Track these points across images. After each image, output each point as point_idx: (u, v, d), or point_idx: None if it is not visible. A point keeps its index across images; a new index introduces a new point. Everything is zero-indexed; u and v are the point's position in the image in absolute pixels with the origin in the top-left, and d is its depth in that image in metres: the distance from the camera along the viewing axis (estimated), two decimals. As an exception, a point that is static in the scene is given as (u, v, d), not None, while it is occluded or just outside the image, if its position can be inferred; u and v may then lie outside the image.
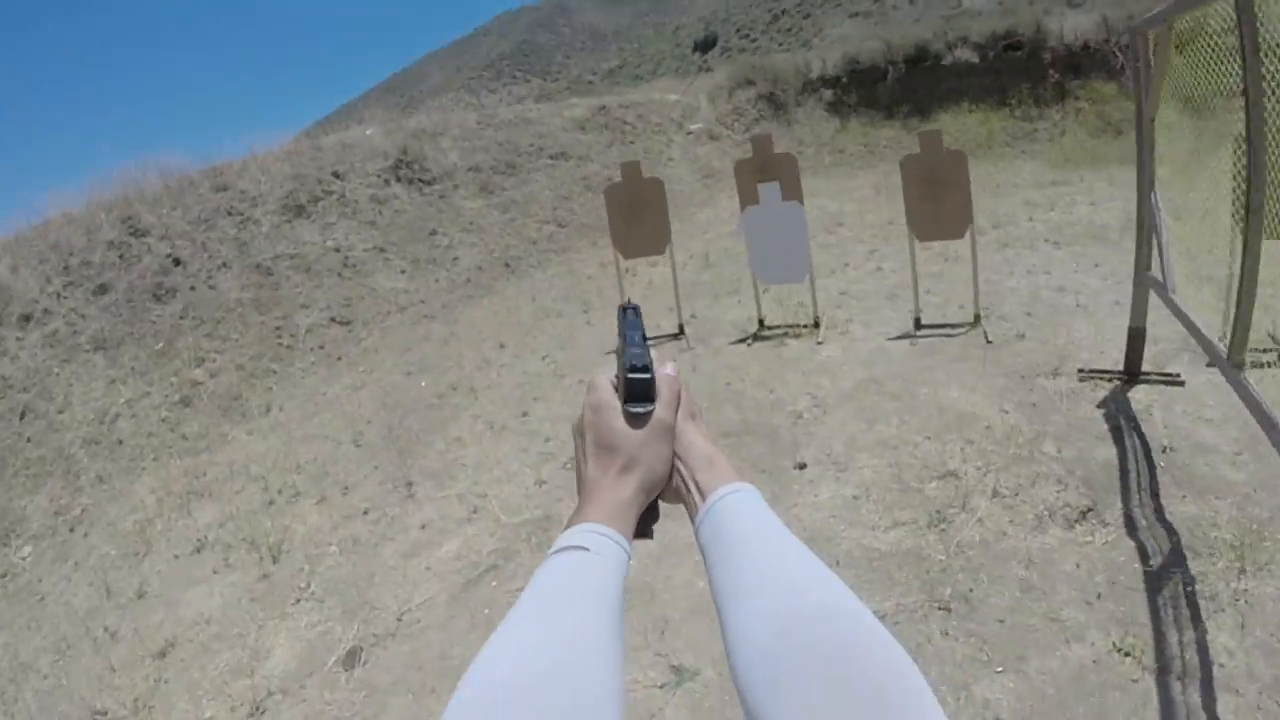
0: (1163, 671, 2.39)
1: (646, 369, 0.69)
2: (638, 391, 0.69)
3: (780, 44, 25.80)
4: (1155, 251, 4.09)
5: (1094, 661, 2.47)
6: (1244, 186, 2.80)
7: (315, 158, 9.71)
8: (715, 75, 16.77)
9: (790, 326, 5.65)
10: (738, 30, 29.80)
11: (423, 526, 4.03)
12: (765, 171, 5.51)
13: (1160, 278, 3.78)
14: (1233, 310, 3.07)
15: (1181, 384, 4.25)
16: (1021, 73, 11.90)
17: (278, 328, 7.37)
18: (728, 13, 31.92)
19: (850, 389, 4.60)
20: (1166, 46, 3.50)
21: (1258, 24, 2.38)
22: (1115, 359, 4.55)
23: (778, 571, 0.55)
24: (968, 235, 5.04)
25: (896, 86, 12.60)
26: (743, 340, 5.67)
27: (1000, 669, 2.51)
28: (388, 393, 6.05)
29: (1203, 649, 2.46)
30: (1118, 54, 11.54)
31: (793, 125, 12.86)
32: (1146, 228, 4.04)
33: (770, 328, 5.72)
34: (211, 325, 7.18)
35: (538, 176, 10.94)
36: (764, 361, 5.24)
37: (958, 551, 3.13)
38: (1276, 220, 3.91)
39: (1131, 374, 4.33)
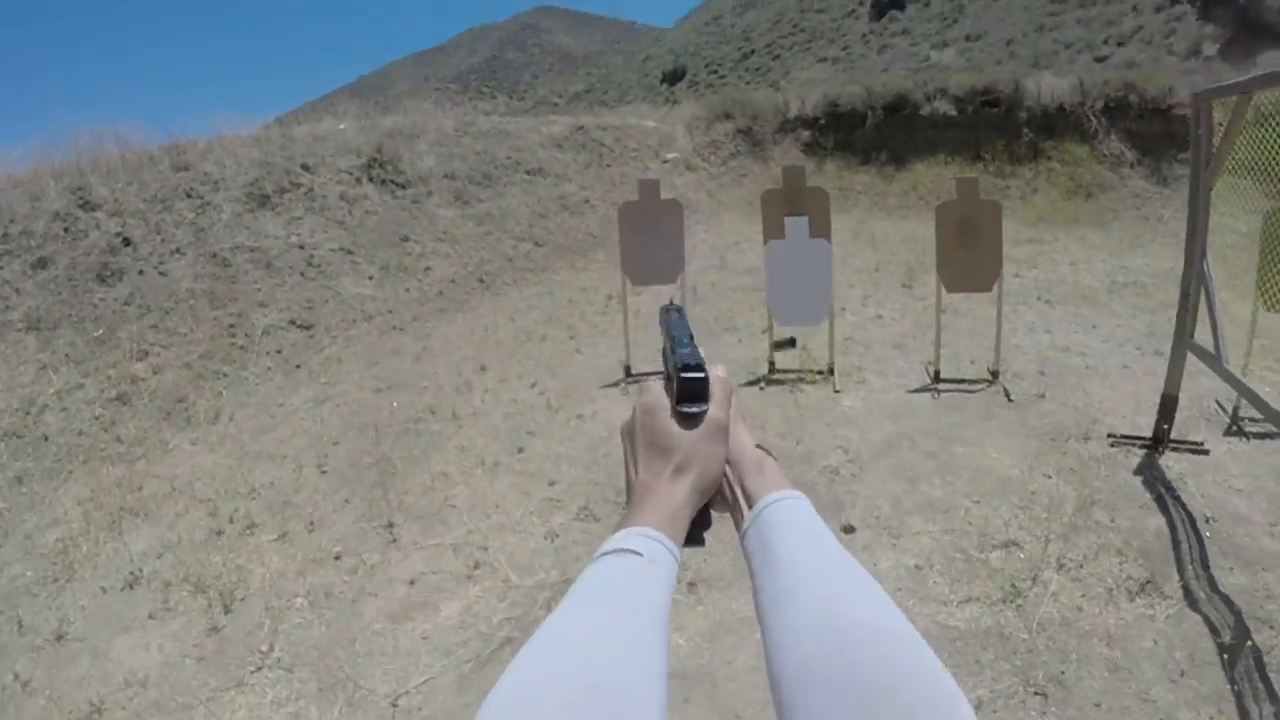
0: (1254, 743, 2.39)
1: (700, 367, 0.66)
2: (692, 391, 0.66)
3: (748, 82, 26.13)
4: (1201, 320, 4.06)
5: (1191, 740, 2.43)
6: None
7: (285, 147, 9.13)
8: (693, 106, 16.74)
9: (802, 371, 5.44)
10: (706, 65, 30.06)
11: (412, 582, 3.50)
12: (794, 205, 5.27)
13: (1214, 349, 3.72)
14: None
15: (1207, 453, 4.22)
16: (997, 129, 12.17)
17: (231, 325, 6.78)
18: (698, 47, 32.22)
19: (881, 444, 4.41)
20: (1241, 118, 3.45)
21: None
22: (1136, 424, 4.52)
23: (822, 584, 0.52)
24: (995, 288, 4.95)
25: (874, 133, 12.73)
26: (754, 383, 5.44)
27: (1106, 755, 2.39)
28: (355, 411, 5.56)
29: None
30: (1092, 117, 11.94)
31: (768, 163, 12.83)
32: (1193, 296, 3.99)
33: (782, 371, 5.51)
34: (159, 315, 6.54)
35: (514, 191, 10.58)
36: (782, 409, 5.00)
37: (1040, 630, 2.98)
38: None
39: (1158, 440, 4.28)
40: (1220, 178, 3.79)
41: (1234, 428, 4.55)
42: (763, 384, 5.38)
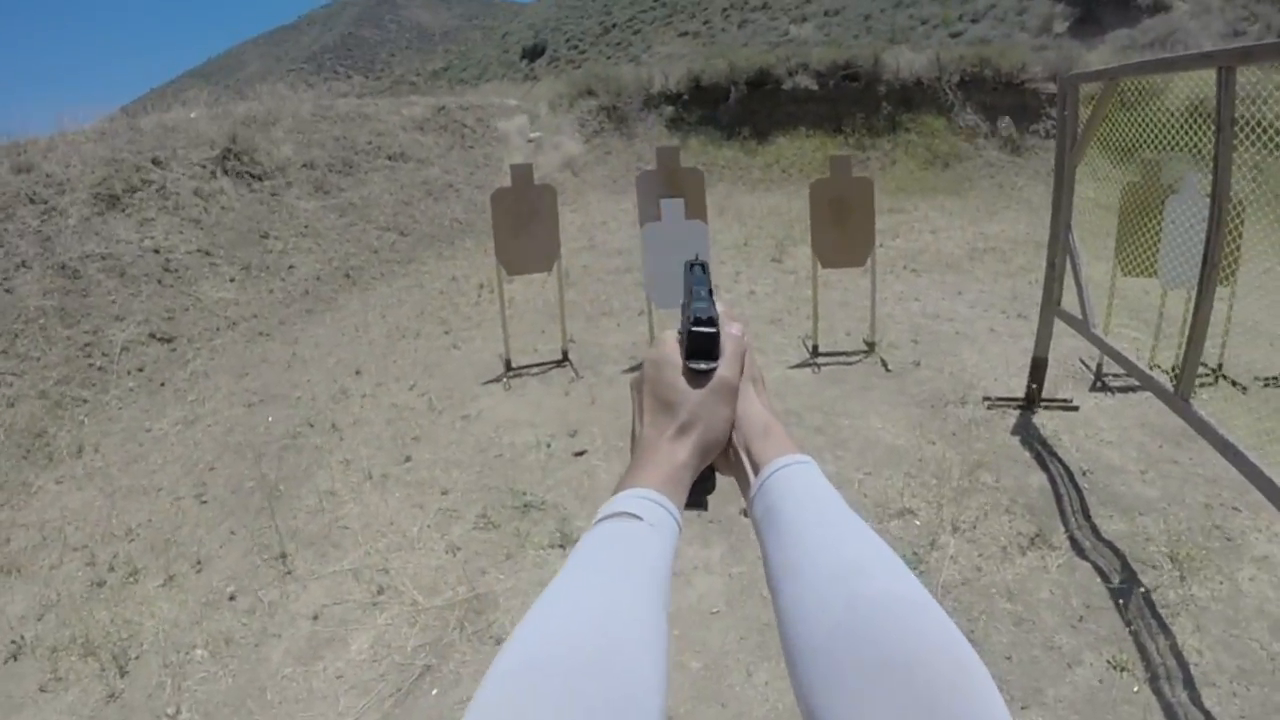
0: (1154, 679, 2.59)
1: (712, 322, 0.64)
2: (701, 346, 0.64)
3: (609, 57, 25.90)
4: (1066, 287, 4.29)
5: (1099, 681, 2.60)
6: (1200, 239, 2.94)
7: (133, 140, 8.22)
8: (555, 83, 16.43)
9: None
10: (567, 40, 29.53)
11: (315, 617, 3.20)
12: (670, 186, 5.23)
13: (1080, 314, 3.93)
14: (1180, 349, 3.23)
15: (1076, 409, 4.49)
16: (857, 103, 12.59)
17: (87, 345, 6.06)
18: (558, 22, 31.55)
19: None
20: (1107, 102, 3.63)
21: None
22: (1010, 386, 4.75)
23: (837, 553, 0.50)
24: (868, 262, 5.07)
25: (737, 107, 12.88)
26: (635, 368, 5.35)
27: (1024, 706, 2.53)
28: (229, 430, 5.10)
29: (1177, 653, 2.70)
30: (948, 91, 12.54)
31: (633, 139, 12.78)
32: (1059, 265, 4.20)
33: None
34: (7, 340, 5.75)
35: (376, 178, 10.04)
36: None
37: (945, 592, 3.08)
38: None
39: (1030, 400, 4.51)
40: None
41: (1099, 384, 4.86)
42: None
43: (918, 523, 3.46)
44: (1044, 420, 4.37)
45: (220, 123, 9.24)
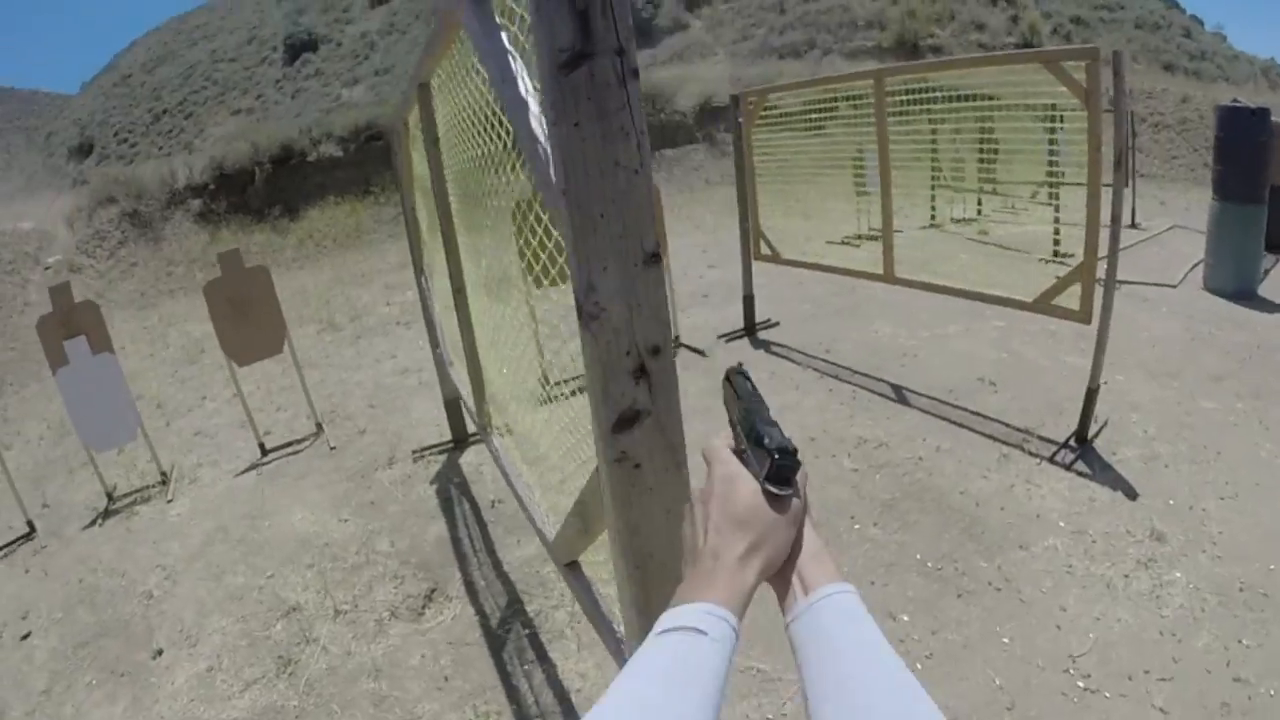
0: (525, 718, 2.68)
1: (795, 451, 0.66)
2: (786, 475, 0.66)
3: (161, 147, 23.55)
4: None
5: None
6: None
7: None
8: (75, 195, 14.56)
9: (140, 490, 5.06)
10: (116, 134, 26.21)
11: None
12: (69, 326, 4.86)
13: (446, 353, 4.31)
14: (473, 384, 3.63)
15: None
16: (383, 160, 12.73)
17: None
18: (105, 114, 27.91)
19: (199, 546, 4.27)
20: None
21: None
22: (441, 430, 5.00)
23: (890, 698, 0.53)
24: (286, 347, 5.12)
25: (265, 188, 12.44)
26: (92, 523, 4.90)
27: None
28: None
29: (554, 681, 2.83)
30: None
31: (161, 243, 11.78)
32: (426, 311, 4.58)
33: (121, 498, 5.05)
34: None
35: None
36: (116, 541, 4.55)
37: (308, 691, 3.06)
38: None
39: (458, 440, 4.86)
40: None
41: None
42: (100, 521, 4.86)
43: (301, 618, 3.49)
44: (469, 456, 4.71)
45: None
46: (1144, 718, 2.39)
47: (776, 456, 0.65)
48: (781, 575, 0.67)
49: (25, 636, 3.86)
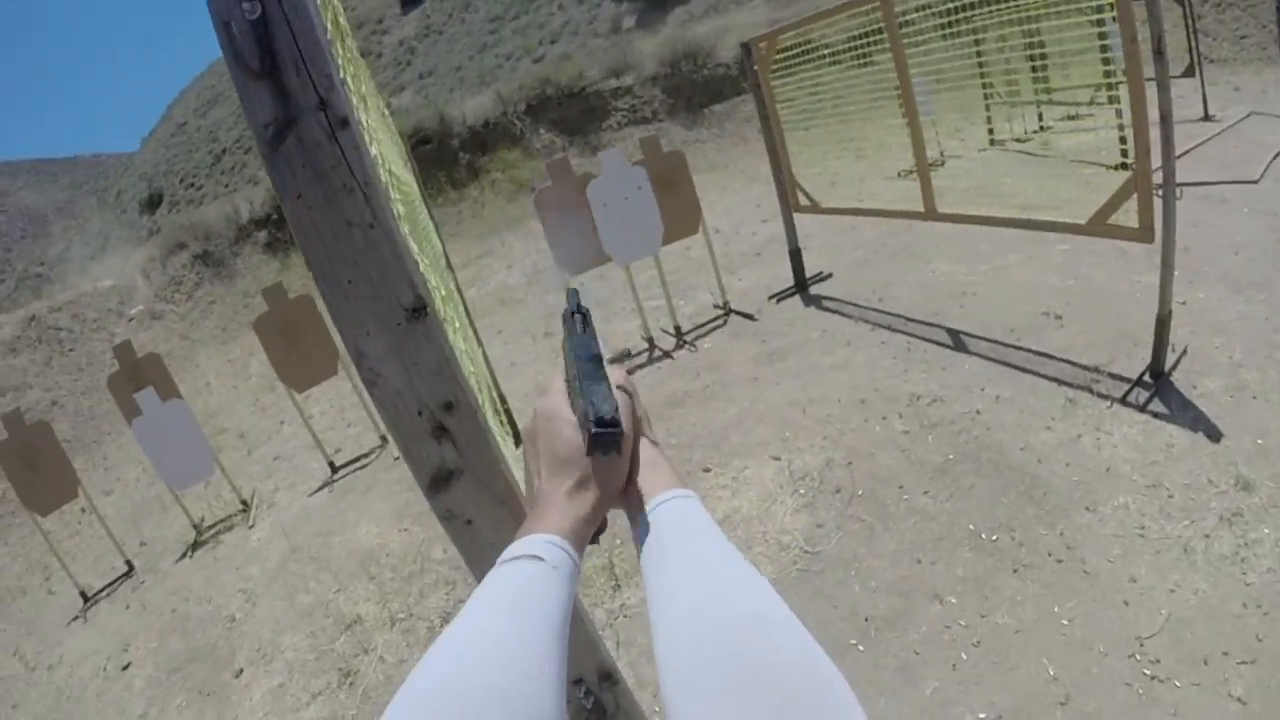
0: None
1: (615, 422, 0.61)
2: (605, 446, 0.61)
3: (226, 185, 24.72)
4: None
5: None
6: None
7: None
8: (149, 247, 15.43)
9: (225, 520, 5.33)
10: (182, 180, 27.75)
11: None
12: (137, 380, 5.21)
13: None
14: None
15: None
16: (435, 163, 12.90)
17: None
18: (169, 164, 29.56)
19: (276, 568, 4.47)
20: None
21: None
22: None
23: (705, 577, 0.53)
24: (340, 367, 5.26)
25: (327, 210, 12.81)
26: (183, 556, 5.20)
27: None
28: None
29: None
30: (516, 121, 13.24)
31: (235, 278, 12.34)
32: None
33: (208, 529, 5.34)
34: None
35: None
36: (204, 570, 4.85)
37: (364, 700, 3.20)
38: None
39: (516, 435, 4.88)
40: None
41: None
42: (190, 553, 5.16)
43: (362, 629, 3.60)
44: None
45: None
46: (1220, 711, 2.09)
47: (594, 429, 0.60)
48: (624, 498, 0.66)
49: (126, 667, 4.15)
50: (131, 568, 5.28)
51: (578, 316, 0.72)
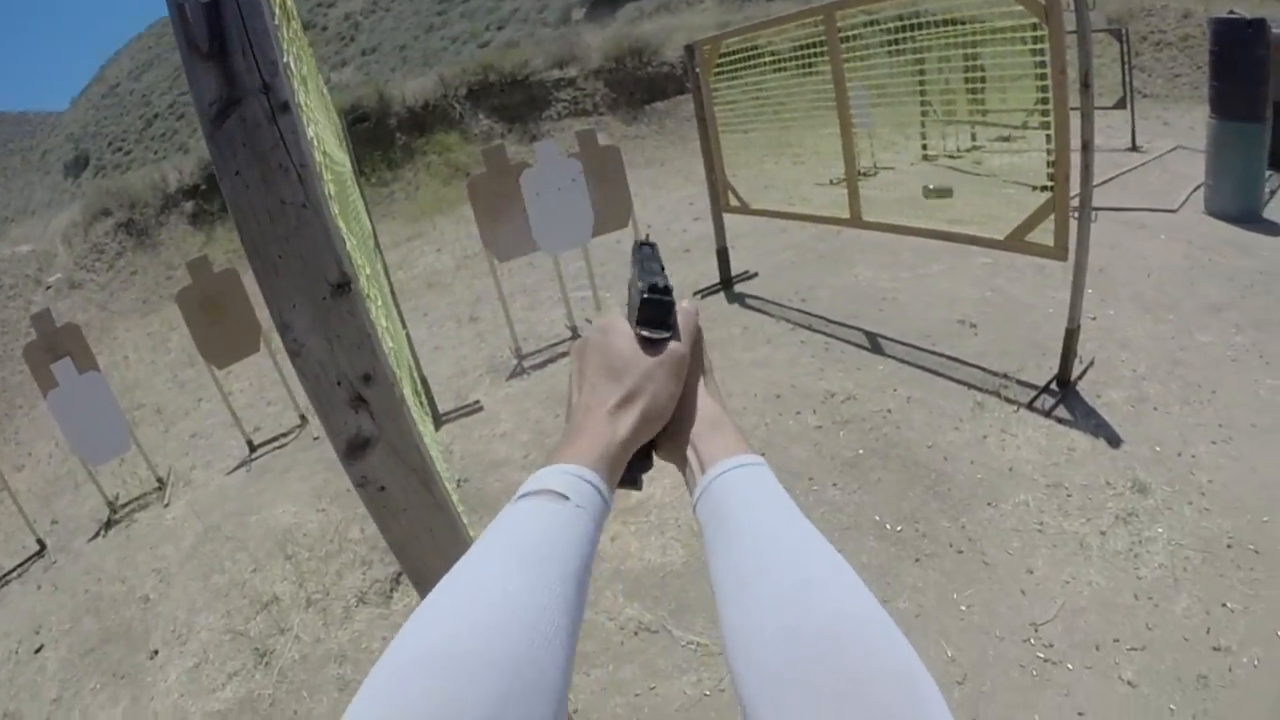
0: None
1: (668, 290, 0.61)
2: (655, 315, 0.60)
3: (156, 152, 23.76)
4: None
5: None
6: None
7: None
8: (71, 212, 14.74)
9: (140, 498, 5.19)
10: (110, 144, 26.51)
11: None
12: (54, 350, 4.99)
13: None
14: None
15: (481, 409, 4.92)
16: (371, 142, 12.66)
17: None
18: (98, 125, 28.21)
19: (191, 547, 4.38)
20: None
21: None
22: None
23: (789, 567, 0.47)
24: (262, 343, 5.19)
25: (257, 184, 12.45)
26: (96, 535, 5.04)
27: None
28: None
29: None
30: (456, 105, 13.08)
31: (158, 248, 11.89)
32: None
33: (122, 507, 5.18)
34: None
35: None
36: (118, 550, 4.70)
37: (280, 679, 3.18)
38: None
39: (436, 417, 4.88)
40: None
41: (519, 367, 5.35)
42: (103, 533, 5.00)
43: (277, 610, 3.58)
44: (443, 435, 4.74)
45: None
46: (1109, 692, 2.25)
47: (646, 295, 0.60)
48: (676, 447, 0.61)
49: (39, 650, 4.02)
50: (43, 547, 5.08)
51: (646, 248, 0.71)
